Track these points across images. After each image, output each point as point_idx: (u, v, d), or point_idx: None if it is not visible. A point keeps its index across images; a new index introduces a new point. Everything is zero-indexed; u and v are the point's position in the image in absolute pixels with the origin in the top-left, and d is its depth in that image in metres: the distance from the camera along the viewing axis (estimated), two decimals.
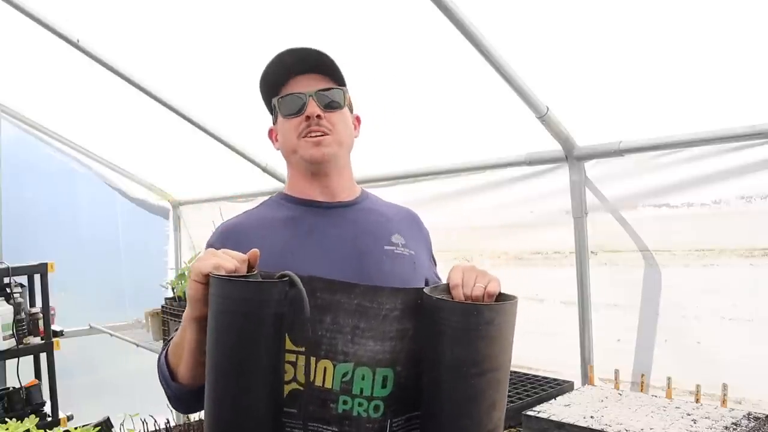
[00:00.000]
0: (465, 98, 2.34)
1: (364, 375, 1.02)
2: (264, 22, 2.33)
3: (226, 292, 0.98)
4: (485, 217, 2.61)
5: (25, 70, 3.33)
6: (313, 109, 1.24)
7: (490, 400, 1.01)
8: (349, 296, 1.03)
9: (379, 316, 1.03)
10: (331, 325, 1.02)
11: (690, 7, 1.70)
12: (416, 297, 1.05)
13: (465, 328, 0.99)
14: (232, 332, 0.98)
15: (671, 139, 1.97)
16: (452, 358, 0.99)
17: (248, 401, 0.99)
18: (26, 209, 4.14)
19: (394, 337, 1.03)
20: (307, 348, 1.02)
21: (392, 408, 1.04)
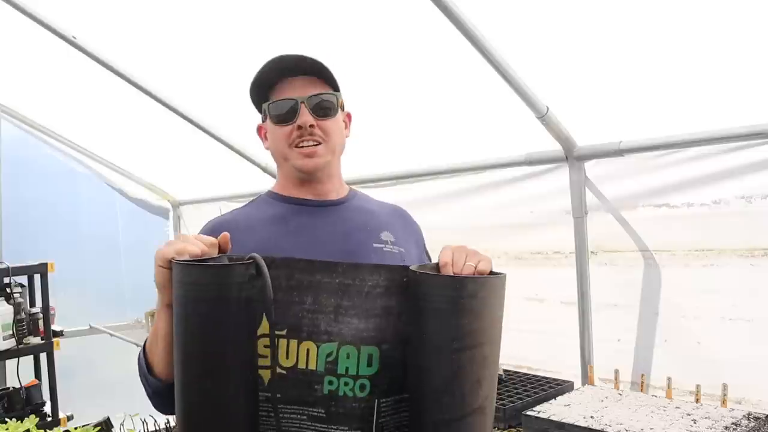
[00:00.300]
0: (465, 98, 2.34)
1: (348, 353, 1.00)
2: (264, 22, 2.33)
3: (185, 278, 0.95)
4: (485, 217, 2.61)
5: (25, 70, 3.33)
6: (306, 118, 1.21)
7: (474, 377, 0.98)
8: (331, 275, 1.01)
9: (362, 293, 1.01)
10: (313, 306, 1.01)
11: (690, 7, 1.70)
12: (401, 275, 1.03)
13: (447, 302, 0.96)
14: (195, 318, 0.95)
15: (671, 139, 1.97)
16: (435, 333, 0.97)
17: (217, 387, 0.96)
18: (26, 209, 4.13)
19: (379, 315, 1.02)
20: (288, 331, 1.00)
21: (380, 387, 1.02)
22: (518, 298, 2.57)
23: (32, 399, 3.24)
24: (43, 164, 4.23)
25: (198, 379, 0.97)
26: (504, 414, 1.97)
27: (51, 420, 3.24)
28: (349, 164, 1.45)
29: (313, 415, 1.01)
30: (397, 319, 1.02)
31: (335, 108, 1.27)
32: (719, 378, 1.88)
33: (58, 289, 3.63)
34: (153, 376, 1.13)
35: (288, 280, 1.01)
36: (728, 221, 1.94)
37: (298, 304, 1.01)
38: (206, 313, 0.95)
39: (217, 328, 0.95)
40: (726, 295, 1.95)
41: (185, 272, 0.95)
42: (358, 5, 2.10)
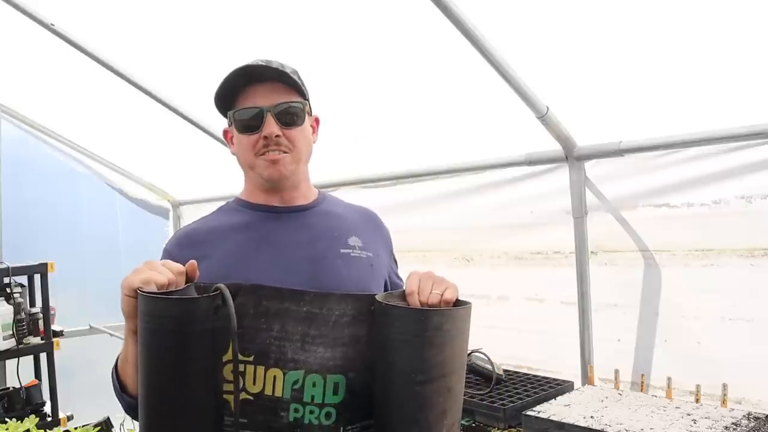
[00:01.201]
0: (465, 98, 2.34)
1: (315, 382, 1.01)
2: (264, 22, 2.33)
3: (150, 309, 0.95)
4: (485, 217, 2.61)
5: (25, 70, 3.33)
6: (272, 128, 1.20)
7: (440, 408, 0.99)
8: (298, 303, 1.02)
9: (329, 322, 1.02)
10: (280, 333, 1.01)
11: (690, 7, 1.70)
12: (368, 303, 1.03)
13: (412, 334, 0.97)
14: (159, 350, 0.95)
15: (671, 139, 1.97)
16: (400, 365, 0.98)
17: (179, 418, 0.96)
18: (26, 209, 4.13)
19: (346, 344, 1.02)
20: (255, 357, 1.01)
21: (345, 415, 1.02)
22: (518, 298, 2.57)
23: (32, 399, 3.23)
24: (43, 164, 4.23)
25: (160, 409, 0.97)
26: (504, 414, 1.97)
27: (51, 420, 3.24)
28: (349, 164, 1.45)
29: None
30: (364, 347, 1.03)
31: (302, 116, 1.25)
32: (719, 378, 1.88)
33: (58, 289, 3.62)
34: (127, 394, 1.13)
35: (256, 307, 1.01)
36: (728, 221, 1.94)
37: (266, 331, 1.01)
38: (171, 345, 0.95)
39: (181, 359, 0.95)
40: (726, 295, 1.95)
41: (150, 304, 0.95)
42: (358, 5, 2.10)
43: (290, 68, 1.28)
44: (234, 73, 1.23)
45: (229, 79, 1.23)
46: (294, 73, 1.27)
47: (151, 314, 0.95)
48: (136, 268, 1.02)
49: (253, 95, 1.22)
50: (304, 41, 2.35)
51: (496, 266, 2.62)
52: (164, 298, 0.95)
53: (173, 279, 1.00)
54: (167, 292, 0.97)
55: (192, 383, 0.96)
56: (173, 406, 0.96)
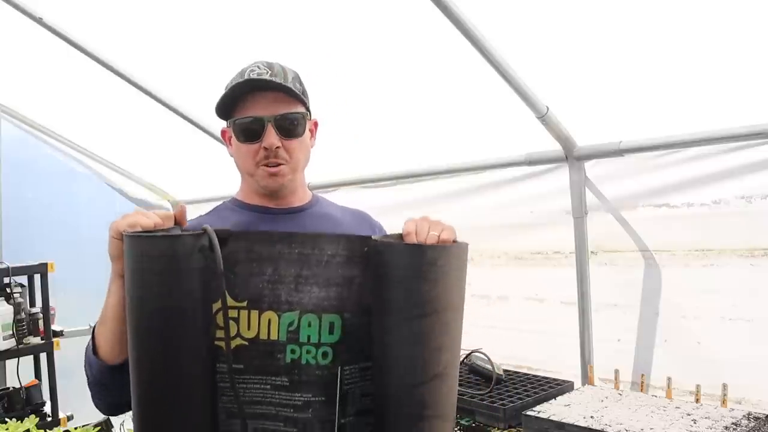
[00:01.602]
0: (465, 98, 2.34)
1: (310, 322, 1.01)
2: (264, 22, 2.33)
3: (134, 249, 0.95)
4: (485, 217, 2.61)
5: (25, 70, 3.33)
6: (272, 139, 1.21)
7: (435, 343, 0.99)
8: (290, 246, 1.02)
9: (322, 262, 1.02)
10: (273, 276, 1.01)
11: (690, 7, 1.70)
12: (361, 245, 1.04)
13: (408, 269, 0.98)
14: (146, 290, 0.95)
15: (671, 139, 1.97)
16: (396, 300, 0.98)
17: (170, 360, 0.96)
18: (26, 209, 4.13)
19: (340, 284, 1.03)
20: (249, 302, 1.01)
21: (342, 356, 1.03)
22: (518, 298, 2.57)
23: (32, 399, 3.23)
24: (43, 164, 4.23)
25: (151, 351, 0.97)
26: (504, 414, 1.97)
27: (51, 420, 3.24)
28: (349, 164, 1.45)
29: (276, 384, 1.02)
30: (359, 288, 1.03)
31: (302, 125, 1.26)
32: (719, 378, 1.88)
33: (58, 289, 3.62)
34: (98, 356, 1.12)
35: (247, 252, 1.01)
36: (728, 221, 1.94)
37: (258, 275, 1.01)
38: (156, 284, 0.95)
39: (166, 299, 0.95)
40: (726, 295, 1.95)
41: (135, 244, 0.95)
42: (358, 5, 2.10)
43: (292, 72, 1.28)
44: (236, 81, 1.24)
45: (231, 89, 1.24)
46: (295, 79, 1.27)
47: (136, 254, 0.95)
48: (125, 213, 1.02)
49: (254, 105, 1.23)
50: (304, 41, 2.35)
51: (496, 266, 2.62)
52: (148, 236, 0.96)
53: (160, 223, 1.01)
54: (151, 231, 0.98)
55: (181, 323, 0.95)
56: (162, 348, 0.96)
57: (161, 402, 0.98)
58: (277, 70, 1.24)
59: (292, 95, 1.24)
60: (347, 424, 1.04)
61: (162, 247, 0.95)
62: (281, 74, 1.24)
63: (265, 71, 1.22)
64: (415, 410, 0.99)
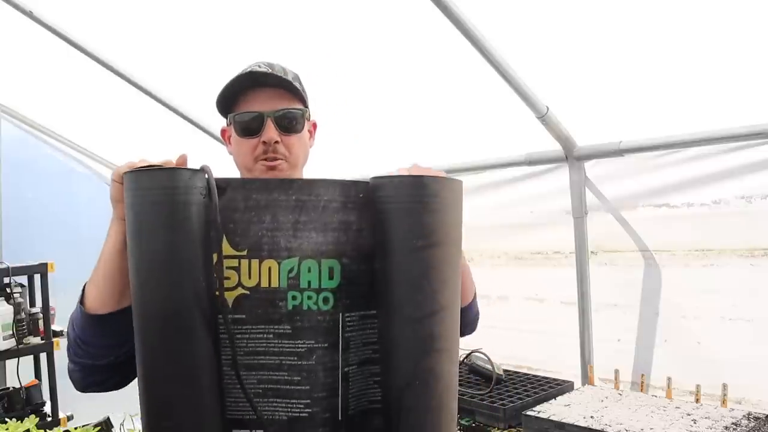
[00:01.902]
0: (465, 98, 2.34)
1: (310, 267, 1.02)
2: (263, 22, 2.33)
3: (134, 184, 0.97)
4: (485, 217, 2.61)
5: (25, 70, 3.33)
6: (271, 134, 1.22)
7: (442, 276, 1.00)
8: (287, 192, 1.02)
9: (318, 207, 1.02)
10: (272, 224, 1.01)
11: (690, 7, 1.70)
12: (356, 190, 1.04)
13: (409, 201, 0.99)
14: (146, 222, 0.96)
15: (671, 139, 1.97)
16: (398, 233, 0.98)
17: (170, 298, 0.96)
18: (26, 209, 4.13)
19: (337, 229, 1.03)
20: (249, 251, 1.01)
21: (343, 301, 1.03)
22: (518, 298, 2.57)
23: (32, 399, 3.23)
24: (43, 164, 4.23)
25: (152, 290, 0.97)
26: (504, 414, 1.97)
27: (51, 420, 3.24)
28: (350, 164, 1.45)
29: (279, 333, 1.02)
30: (356, 234, 1.03)
31: (301, 122, 1.27)
32: (719, 378, 1.88)
33: (58, 289, 3.62)
34: (84, 308, 1.12)
35: (245, 201, 1.02)
36: (728, 221, 1.94)
37: (257, 223, 1.02)
38: (155, 216, 0.95)
39: (165, 232, 0.95)
40: (726, 295, 1.95)
41: (133, 178, 0.97)
42: (358, 5, 2.10)
43: (292, 73, 1.29)
44: (237, 78, 1.25)
45: (232, 83, 1.25)
46: (295, 79, 1.28)
47: (136, 188, 0.96)
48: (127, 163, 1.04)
49: (254, 100, 1.24)
50: (304, 41, 2.35)
51: (496, 266, 2.62)
52: (147, 170, 0.97)
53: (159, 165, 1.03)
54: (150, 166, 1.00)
55: (182, 258, 0.96)
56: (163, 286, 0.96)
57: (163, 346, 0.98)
58: (277, 69, 1.25)
59: (292, 91, 1.25)
60: (350, 372, 1.04)
61: (160, 178, 0.96)
62: (281, 72, 1.25)
63: (265, 68, 1.24)
64: (424, 344, 0.99)
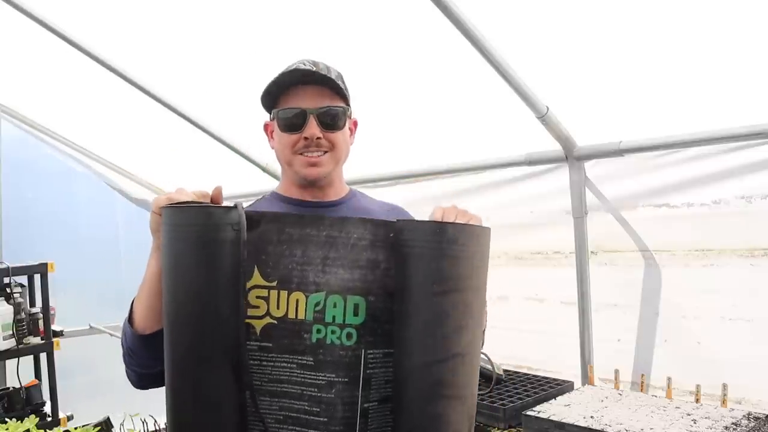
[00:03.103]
0: (465, 98, 2.34)
1: (335, 303, 1.05)
2: (263, 22, 2.33)
3: (171, 219, 1.01)
4: (485, 217, 2.58)
5: (25, 70, 3.33)
6: (313, 130, 1.25)
7: (457, 322, 1.01)
8: (318, 228, 1.06)
9: (348, 244, 1.05)
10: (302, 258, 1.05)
11: (690, 7, 1.70)
12: (386, 230, 1.06)
13: (429, 246, 1.00)
14: (180, 256, 1.01)
15: (671, 139, 1.97)
16: (417, 276, 1.00)
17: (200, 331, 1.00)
18: (26, 209, 4.13)
19: (365, 266, 1.06)
20: (278, 282, 1.05)
21: (366, 338, 1.05)
22: (518, 298, 2.57)
23: (32, 399, 3.23)
24: (43, 164, 4.23)
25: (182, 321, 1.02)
26: (504, 414, 1.97)
27: (51, 420, 3.24)
28: (350, 164, 1.46)
29: (302, 363, 1.05)
30: (383, 273, 1.06)
31: (342, 119, 1.30)
32: (719, 378, 1.88)
33: (58, 289, 3.62)
34: (131, 326, 1.18)
35: (279, 234, 1.05)
36: (728, 221, 1.94)
37: (289, 257, 1.05)
38: (188, 253, 1.00)
39: (197, 268, 1.00)
40: (726, 295, 1.95)
41: (169, 214, 1.02)
42: (357, 5, 2.10)
43: (335, 72, 1.32)
44: (282, 75, 1.27)
45: (276, 80, 1.28)
46: (338, 78, 1.30)
47: (171, 224, 1.01)
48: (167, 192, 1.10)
49: (298, 97, 1.27)
50: (304, 41, 2.35)
51: (496, 266, 2.60)
52: (182, 207, 1.03)
53: (195, 199, 1.07)
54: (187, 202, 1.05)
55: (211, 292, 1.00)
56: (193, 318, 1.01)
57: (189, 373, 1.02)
58: (321, 66, 1.28)
59: (335, 89, 1.28)
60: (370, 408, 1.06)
61: (194, 216, 1.01)
62: (325, 70, 1.27)
63: (310, 66, 1.26)
64: (433, 389, 1.01)
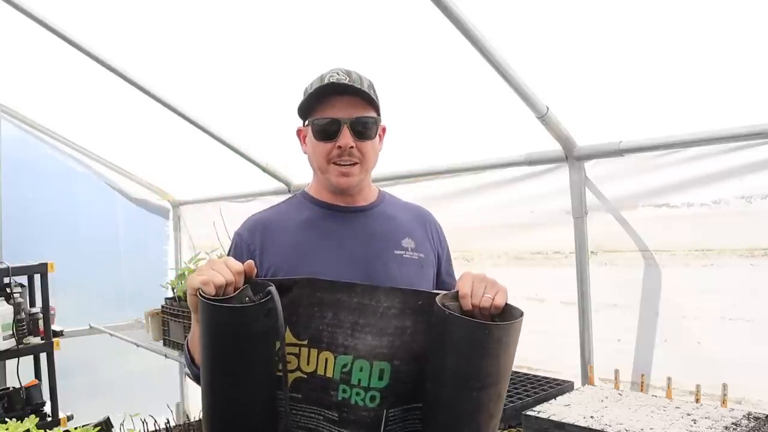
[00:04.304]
0: (465, 98, 2.34)
1: (362, 367, 1.09)
2: (263, 23, 2.33)
3: (207, 315, 1.05)
4: (485, 217, 2.61)
5: (25, 70, 3.33)
6: (347, 139, 1.29)
7: (489, 412, 1.06)
8: (350, 295, 1.10)
9: (377, 313, 1.09)
10: (333, 321, 1.09)
11: (690, 7, 1.70)
12: (415, 299, 1.10)
13: (473, 345, 1.03)
14: (216, 350, 1.06)
15: (671, 139, 1.97)
16: (457, 371, 1.04)
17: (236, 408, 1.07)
18: (26, 209, 4.13)
19: (392, 334, 1.09)
20: (309, 340, 1.10)
21: (389, 399, 1.09)
22: (518, 298, 2.55)
23: (32, 399, 3.24)
24: (43, 164, 4.24)
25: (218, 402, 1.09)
26: (504, 414, 1.97)
27: (51, 420, 3.24)
28: None
29: (328, 417, 1.10)
30: (409, 338, 1.10)
31: (374, 130, 1.34)
32: (719, 378, 1.88)
33: (58, 289, 3.63)
34: (195, 366, 1.25)
35: (310, 297, 1.10)
36: (728, 221, 1.94)
37: (319, 318, 1.10)
38: (225, 347, 1.06)
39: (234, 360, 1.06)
40: (726, 295, 1.95)
41: (207, 310, 1.05)
42: (357, 5, 2.10)
43: (367, 81, 1.35)
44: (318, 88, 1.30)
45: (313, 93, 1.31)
46: (370, 88, 1.35)
47: (208, 319, 1.05)
48: (200, 267, 1.11)
49: (332, 107, 1.30)
50: (303, 41, 2.35)
51: (496, 266, 2.62)
52: (218, 306, 1.04)
53: (231, 280, 1.08)
54: (223, 299, 1.06)
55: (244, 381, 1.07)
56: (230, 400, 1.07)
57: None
58: (354, 77, 1.31)
59: (368, 100, 1.32)
60: None
61: (230, 315, 1.04)
62: (358, 81, 1.31)
63: (344, 77, 1.30)
64: None
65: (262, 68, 2.60)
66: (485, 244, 2.64)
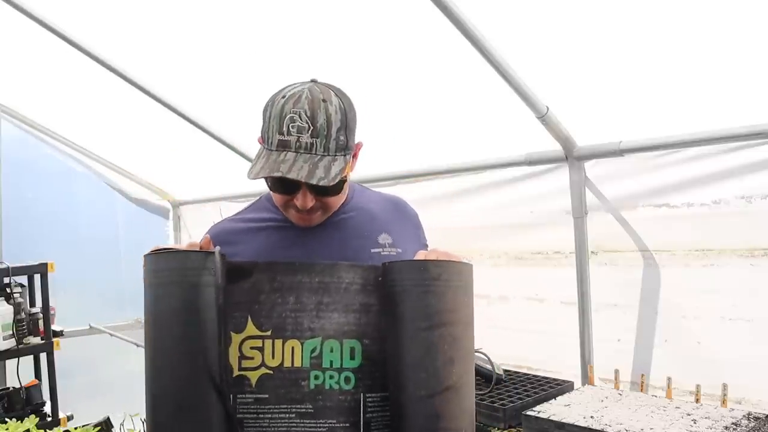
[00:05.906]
0: (465, 98, 2.34)
1: (332, 347, 1.06)
2: (263, 23, 2.33)
3: (150, 267, 1.02)
4: (485, 217, 2.61)
5: (25, 70, 3.33)
6: (306, 201, 1.18)
7: (446, 355, 1.03)
8: (310, 275, 1.07)
9: (340, 289, 1.07)
10: (295, 305, 1.06)
11: (690, 7, 1.70)
12: (375, 273, 1.09)
13: (413, 284, 1.04)
14: (158, 302, 1.01)
15: (671, 139, 1.97)
16: (404, 314, 1.04)
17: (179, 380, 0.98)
18: (26, 209, 4.13)
19: (358, 310, 1.07)
20: (273, 331, 1.05)
21: (364, 381, 1.06)
22: (518, 298, 2.57)
23: (32, 399, 3.23)
24: (42, 164, 4.23)
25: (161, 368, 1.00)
26: (504, 414, 1.97)
27: (51, 420, 3.24)
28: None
29: (301, 412, 1.05)
30: (375, 316, 1.08)
31: (339, 185, 1.19)
32: (719, 378, 1.88)
33: (58, 289, 3.62)
34: None
35: (271, 282, 1.06)
36: (728, 221, 1.94)
37: (282, 304, 1.06)
38: (167, 296, 1.00)
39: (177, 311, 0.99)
40: (726, 295, 1.95)
41: (150, 261, 1.03)
42: (357, 5, 2.10)
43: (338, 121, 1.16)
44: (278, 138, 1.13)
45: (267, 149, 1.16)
46: (341, 129, 1.16)
47: (151, 270, 1.02)
48: None
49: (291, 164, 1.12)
50: (303, 41, 2.35)
51: (496, 266, 2.62)
52: (159, 253, 1.02)
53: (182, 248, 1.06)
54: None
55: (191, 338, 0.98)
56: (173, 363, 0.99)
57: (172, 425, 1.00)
58: (320, 124, 1.13)
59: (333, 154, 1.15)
60: None
61: (171, 260, 1.01)
62: (323, 129, 1.13)
63: (305, 125, 1.12)
64: (429, 422, 1.03)
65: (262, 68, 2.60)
66: (485, 244, 2.64)
